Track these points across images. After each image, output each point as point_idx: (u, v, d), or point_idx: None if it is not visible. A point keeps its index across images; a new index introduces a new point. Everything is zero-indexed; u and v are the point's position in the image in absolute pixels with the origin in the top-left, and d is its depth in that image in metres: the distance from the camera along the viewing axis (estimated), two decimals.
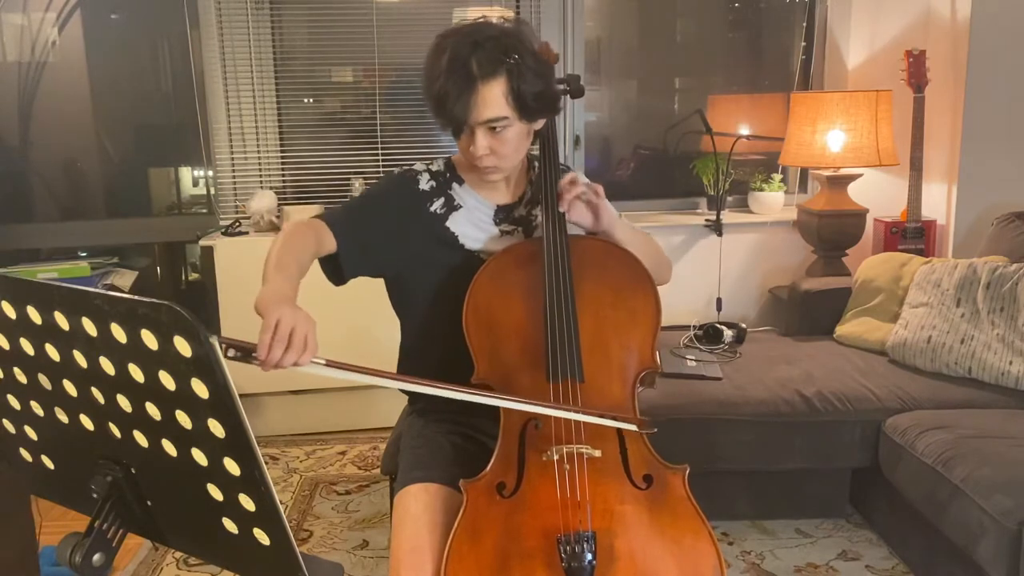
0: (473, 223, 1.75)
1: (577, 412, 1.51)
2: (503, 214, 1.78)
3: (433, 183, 1.76)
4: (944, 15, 3.34)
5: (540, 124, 1.69)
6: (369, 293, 1.90)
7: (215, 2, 3.43)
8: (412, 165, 1.79)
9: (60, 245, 3.57)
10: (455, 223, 1.75)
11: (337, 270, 1.65)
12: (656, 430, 1.56)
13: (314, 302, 3.38)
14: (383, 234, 1.70)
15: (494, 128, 1.59)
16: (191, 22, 3.43)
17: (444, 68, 1.55)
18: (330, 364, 1.32)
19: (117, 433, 0.96)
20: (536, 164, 1.78)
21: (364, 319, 2.93)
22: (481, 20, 1.62)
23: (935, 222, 3.37)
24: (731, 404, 2.50)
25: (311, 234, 1.58)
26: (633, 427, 1.54)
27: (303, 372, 1.31)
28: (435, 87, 1.56)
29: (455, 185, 1.77)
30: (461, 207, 1.75)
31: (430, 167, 1.79)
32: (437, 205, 1.74)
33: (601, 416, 1.53)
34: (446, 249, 1.74)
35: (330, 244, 1.61)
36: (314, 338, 1.31)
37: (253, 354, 1.27)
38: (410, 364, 1.84)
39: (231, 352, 1.26)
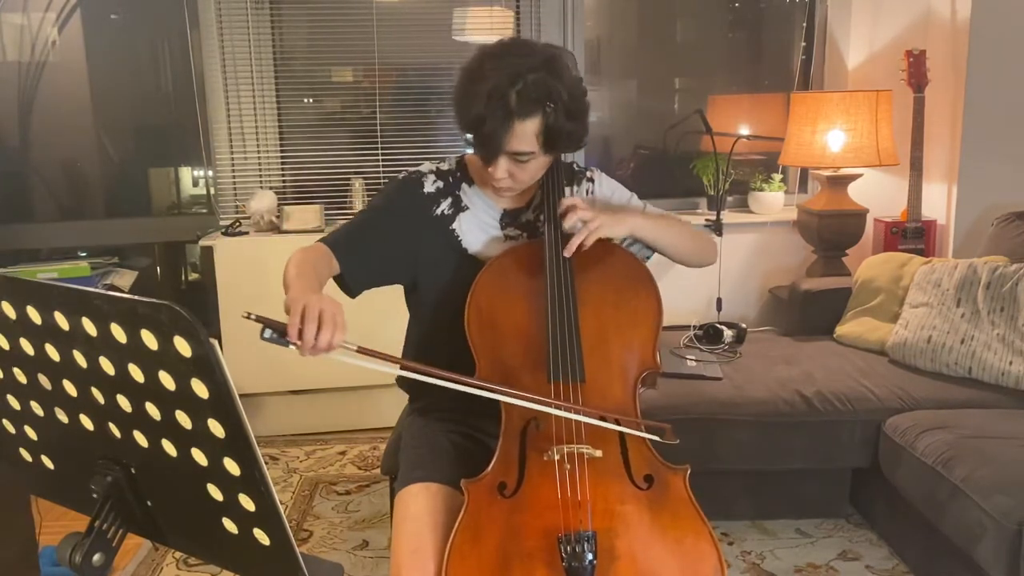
0: (478, 225, 1.76)
1: (590, 415, 1.51)
2: (509, 218, 1.78)
3: (440, 183, 1.76)
4: (944, 15, 3.34)
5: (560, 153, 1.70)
6: (370, 294, 1.90)
7: (215, 2, 3.43)
8: (419, 166, 1.79)
9: (60, 245, 3.57)
10: (460, 225, 1.75)
11: (345, 288, 1.69)
12: (678, 441, 1.55)
13: None
14: (390, 245, 1.72)
15: (519, 160, 1.60)
16: (191, 22, 3.43)
17: (484, 96, 1.54)
18: (361, 351, 1.34)
19: (117, 433, 0.96)
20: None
21: (364, 320, 2.92)
22: (523, 43, 1.62)
23: (935, 222, 3.37)
24: (731, 404, 2.49)
25: (322, 254, 1.62)
26: (656, 437, 1.54)
27: (338, 360, 1.33)
28: (472, 111, 1.56)
29: (464, 186, 1.77)
30: (468, 208, 1.76)
31: (439, 166, 1.79)
32: (444, 206, 1.75)
33: (616, 422, 1.54)
34: (449, 252, 1.75)
35: (335, 266, 1.64)
36: (342, 318, 1.33)
37: (288, 337, 1.29)
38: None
39: (267, 333, 1.28)
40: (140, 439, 0.94)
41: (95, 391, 0.94)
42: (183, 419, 0.88)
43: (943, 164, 3.37)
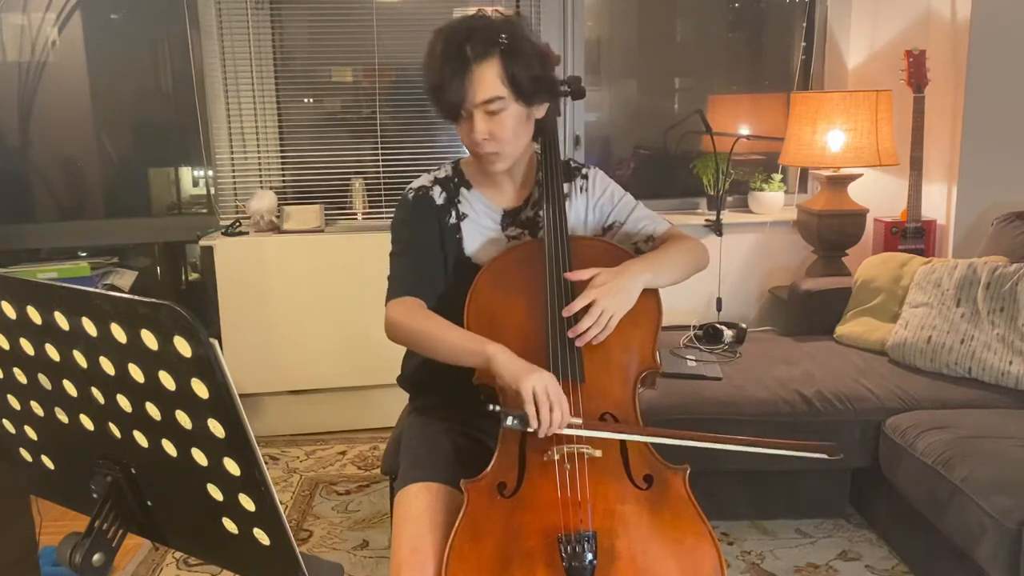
0: (479, 230, 1.76)
1: (768, 447, 1.62)
2: (510, 218, 1.78)
3: (445, 194, 1.76)
4: (944, 15, 3.34)
5: (541, 112, 1.69)
6: (370, 295, 1.91)
7: (215, 2, 3.43)
8: (419, 181, 1.79)
9: (60, 245, 3.57)
10: (464, 232, 1.76)
11: None
12: (842, 456, 1.60)
13: (315, 304, 3.35)
14: (434, 260, 1.74)
15: (492, 112, 1.60)
16: (191, 22, 3.43)
17: (439, 56, 1.58)
18: (584, 426, 1.49)
19: (117, 433, 0.96)
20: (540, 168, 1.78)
21: (365, 320, 2.92)
22: (476, 15, 1.64)
23: (935, 222, 3.37)
24: (731, 404, 2.49)
25: (420, 305, 1.66)
26: (823, 455, 1.58)
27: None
28: (432, 76, 1.59)
29: (463, 191, 1.77)
30: (467, 216, 1.76)
31: (437, 176, 1.79)
32: (452, 216, 1.76)
33: (789, 448, 1.62)
34: (454, 258, 1.75)
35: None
36: (560, 390, 1.46)
37: (529, 426, 1.44)
38: (412, 363, 1.85)
39: (511, 420, 1.44)
40: (140, 439, 0.94)
41: (95, 391, 0.94)
42: (183, 419, 0.88)
43: (943, 164, 3.37)
